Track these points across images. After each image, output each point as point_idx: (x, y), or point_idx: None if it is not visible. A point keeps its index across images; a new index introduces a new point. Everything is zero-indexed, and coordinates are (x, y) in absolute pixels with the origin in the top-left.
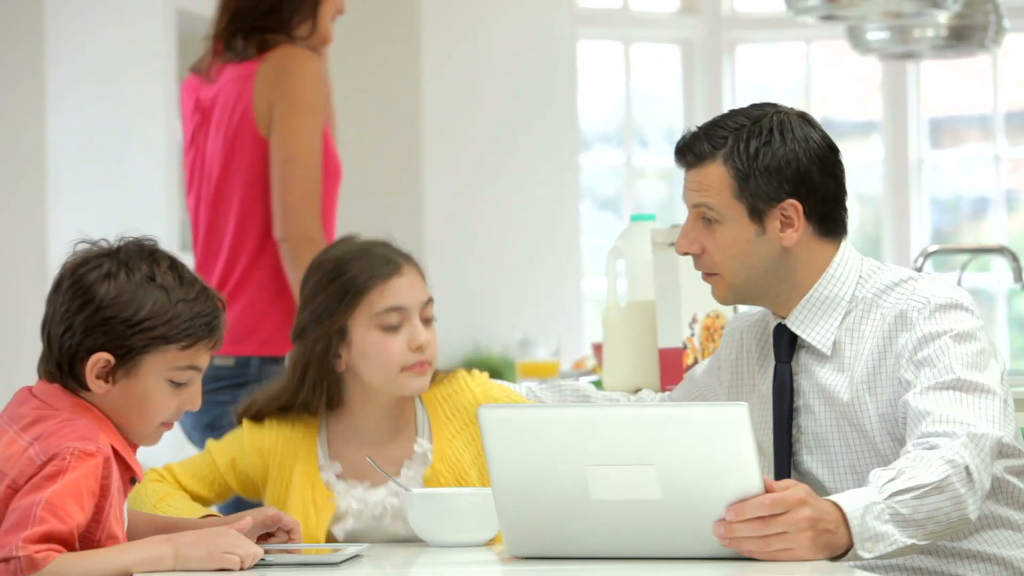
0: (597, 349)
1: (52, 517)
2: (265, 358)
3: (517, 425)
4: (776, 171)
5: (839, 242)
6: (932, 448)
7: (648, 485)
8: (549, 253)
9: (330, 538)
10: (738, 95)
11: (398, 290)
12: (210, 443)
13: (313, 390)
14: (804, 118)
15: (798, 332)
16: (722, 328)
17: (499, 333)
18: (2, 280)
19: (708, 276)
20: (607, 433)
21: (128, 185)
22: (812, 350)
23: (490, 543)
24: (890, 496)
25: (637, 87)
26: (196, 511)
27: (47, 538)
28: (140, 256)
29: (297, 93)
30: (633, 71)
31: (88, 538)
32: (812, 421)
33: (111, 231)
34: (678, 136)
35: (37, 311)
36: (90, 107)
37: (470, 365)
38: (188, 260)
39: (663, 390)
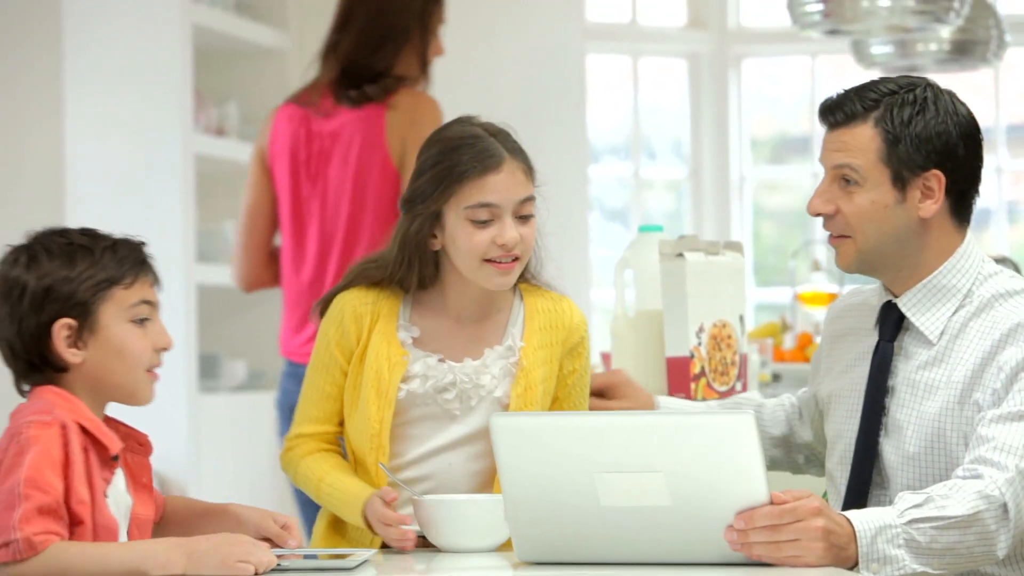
0: (605, 358)
1: (36, 491)
2: None
3: (528, 432)
4: (926, 140)
5: (966, 230)
6: (976, 477)
7: (656, 492)
8: (559, 263)
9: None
10: (744, 108)
11: (491, 187)
12: (310, 366)
13: (409, 266)
14: (952, 94)
15: (909, 315)
16: (729, 338)
17: None
18: None
19: (837, 239)
20: (616, 441)
21: (145, 197)
22: (917, 335)
23: (500, 548)
24: (909, 522)
25: (645, 100)
26: (355, 495)
27: (40, 512)
28: (50, 235)
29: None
30: (641, 84)
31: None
32: (895, 405)
33: None
34: (686, 148)
35: None
36: (108, 120)
37: None
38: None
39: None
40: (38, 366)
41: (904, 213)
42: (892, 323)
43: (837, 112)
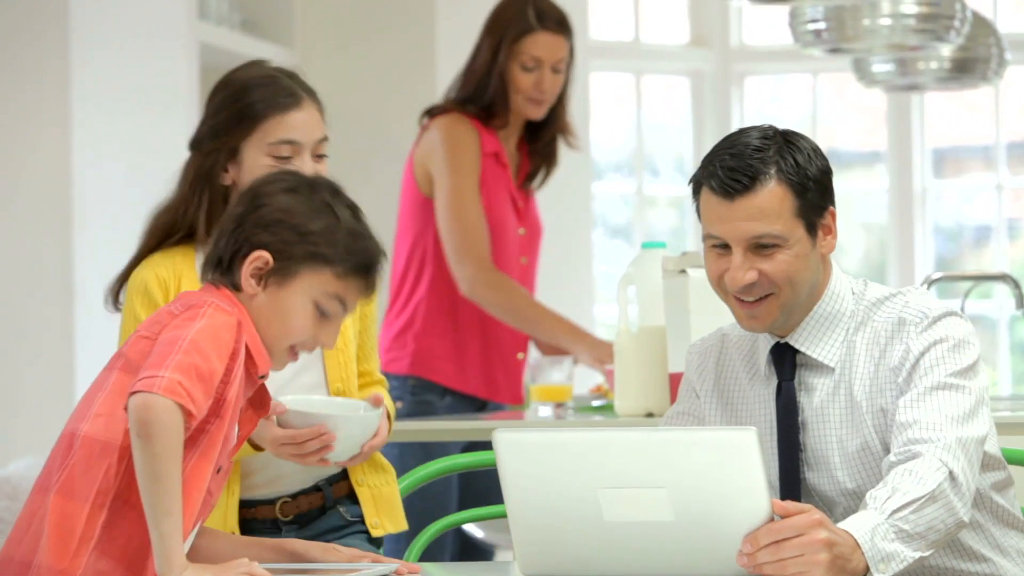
0: (608, 374)
1: (196, 353)
2: (419, 378)
3: (531, 448)
4: (819, 180)
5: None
6: (915, 456)
7: (659, 507)
8: (562, 280)
9: None
10: (747, 125)
11: (294, 124)
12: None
13: (199, 204)
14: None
15: (804, 350)
16: None
17: None
18: (29, 306)
19: (760, 301)
20: (619, 456)
21: None
22: (812, 367)
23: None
24: (891, 515)
25: (648, 117)
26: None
27: (192, 372)
28: (325, 185)
29: (441, 158)
30: (644, 102)
31: (216, 398)
32: (812, 437)
33: None
34: (688, 165)
35: (62, 336)
36: (115, 136)
37: None
38: None
39: None
40: (221, 269)
41: (816, 256)
42: (789, 362)
43: (740, 177)
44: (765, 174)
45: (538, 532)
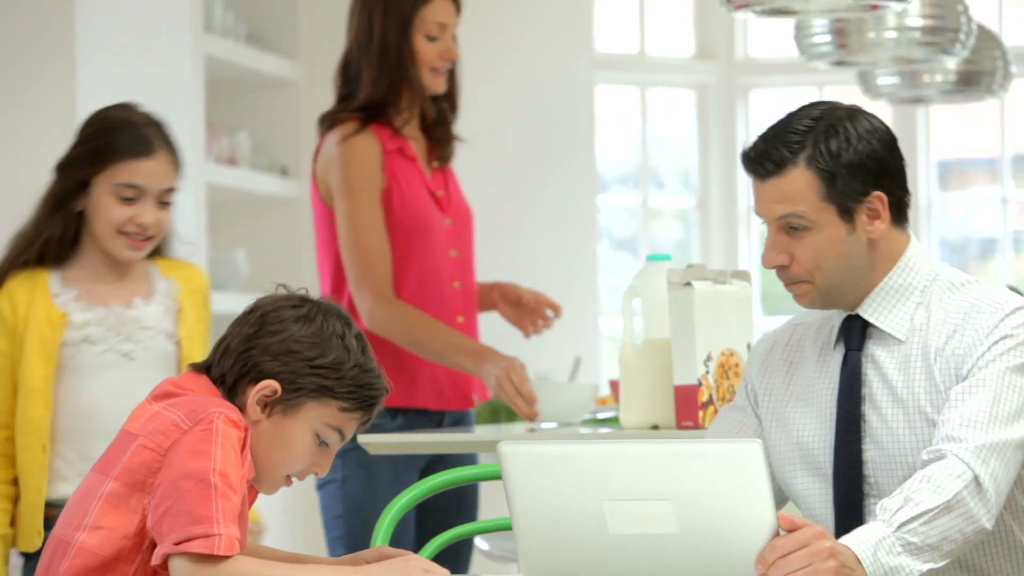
0: (614, 386)
1: (230, 490)
2: None
3: (537, 460)
4: (859, 166)
5: (907, 231)
6: (940, 458)
7: (664, 519)
8: (568, 292)
9: (66, 345)
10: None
11: (141, 171)
12: None
13: (52, 220)
14: (861, 109)
15: (873, 320)
16: (736, 366)
17: None
18: None
19: (795, 284)
20: (624, 469)
21: None
22: (882, 339)
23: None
24: (898, 528)
25: (653, 130)
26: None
27: (234, 514)
28: (336, 315)
29: (338, 179)
30: (649, 114)
31: None
32: (878, 411)
33: None
34: (693, 178)
35: None
36: None
37: (491, 402)
38: None
39: (678, 427)
40: (225, 387)
41: (856, 241)
42: (858, 332)
43: (766, 163)
44: (791, 161)
45: (543, 545)
